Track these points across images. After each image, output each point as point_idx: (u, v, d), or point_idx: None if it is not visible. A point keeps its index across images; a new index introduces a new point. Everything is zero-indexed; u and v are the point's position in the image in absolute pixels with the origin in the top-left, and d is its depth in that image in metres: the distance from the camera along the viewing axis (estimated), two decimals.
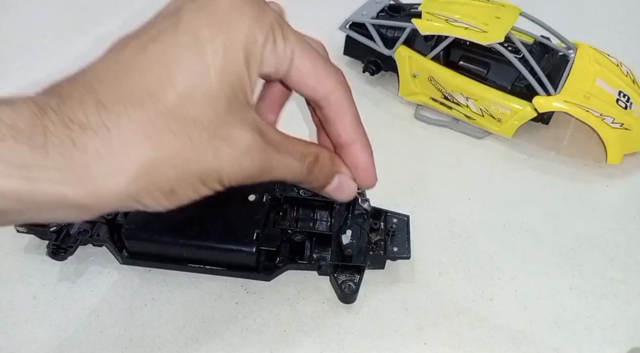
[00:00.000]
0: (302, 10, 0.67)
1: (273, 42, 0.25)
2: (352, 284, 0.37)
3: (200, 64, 0.23)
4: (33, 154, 0.21)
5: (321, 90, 0.27)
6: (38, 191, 0.21)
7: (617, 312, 0.39)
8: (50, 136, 0.21)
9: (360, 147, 0.29)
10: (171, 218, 0.36)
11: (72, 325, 0.36)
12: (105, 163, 0.22)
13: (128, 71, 0.23)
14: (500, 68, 0.49)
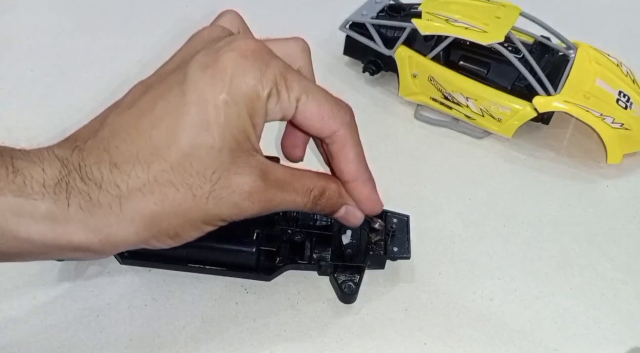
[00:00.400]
0: (302, 10, 0.67)
1: (277, 95, 0.27)
2: (352, 284, 0.37)
3: (204, 121, 0.25)
4: (58, 208, 0.25)
5: (326, 131, 0.29)
6: (60, 238, 0.25)
7: (617, 312, 0.39)
8: (72, 191, 0.25)
9: (362, 183, 0.31)
10: None
11: (72, 325, 0.36)
12: (116, 216, 0.26)
13: (139, 129, 0.26)
14: (500, 68, 0.49)
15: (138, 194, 0.26)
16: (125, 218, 0.26)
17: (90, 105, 0.51)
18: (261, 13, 0.66)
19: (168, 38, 0.61)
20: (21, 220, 0.24)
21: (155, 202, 0.26)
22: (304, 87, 0.27)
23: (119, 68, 0.56)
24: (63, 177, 0.25)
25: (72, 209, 0.25)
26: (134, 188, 0.26)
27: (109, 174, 0.25)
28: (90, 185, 0.25)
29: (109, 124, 0.27)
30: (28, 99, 0.52)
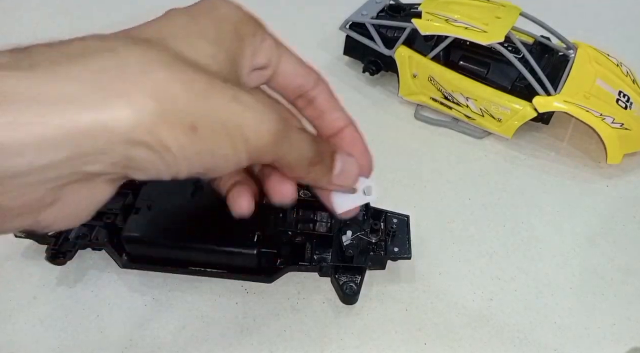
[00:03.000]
0: (302, 10, 0.67)
1: (262, 36, 0.26)
2: (354, 285, 0.37)
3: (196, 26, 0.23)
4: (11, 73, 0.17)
5: (310, 80, 0.28)
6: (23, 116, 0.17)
7: (617, 312, 0.39)
8: (37, 59, 0.18)
9: (355, 128, 0.30)
10: (171, 221, 0.36)
11: (72, 326, 0.36)
12: (113, 78, 0.18)
13: (125, 32, 0.22)
14: (500, 68, 0.49)
15: (142, 57, 0.19)
16: (127, 79, 0.18)
17: None
18: (261, 13, 0.65)
19: None
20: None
21: (166, 66, 0.19)
22: (280, 42, 0.27)
23: None
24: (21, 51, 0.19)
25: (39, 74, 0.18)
26: (135, 50, 0.19)
27: (98, 42, 0.19)
28: (67, 51, 0.19)
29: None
30: None
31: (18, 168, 0.18)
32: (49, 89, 0.17)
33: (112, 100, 0.18)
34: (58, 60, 0.18)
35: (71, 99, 0.18)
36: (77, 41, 0.19)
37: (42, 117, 0.17)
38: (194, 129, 0.20)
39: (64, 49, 0.19)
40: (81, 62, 0.18)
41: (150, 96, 0.19)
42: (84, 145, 0.18)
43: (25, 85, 0.17)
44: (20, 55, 0.18)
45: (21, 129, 0.17)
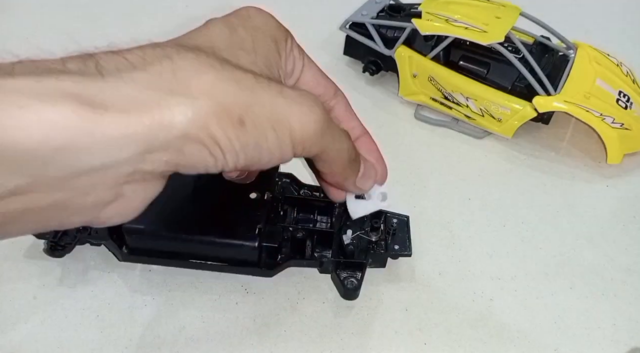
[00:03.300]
0: (302, 10, 0.67)
1: (291, 42, 0.28)
2: (354, 280, 0.37)
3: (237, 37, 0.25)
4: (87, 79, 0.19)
5: (329, 90, 0.30)
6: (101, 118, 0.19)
7: (617, 312, 0.39)
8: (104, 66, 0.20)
9: (370, 137, 0.32)
10: (173, 213, 0.36)
11: (72, 325, 0.36)
12: (171, 81, 0.20)
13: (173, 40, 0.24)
14: (500, 68, 0.49)
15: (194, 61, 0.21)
16: (183, 81, 0.20)
17: None
18: None
19: (168, 38, 0.61)
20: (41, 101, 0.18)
21: (214, 67, 0.21)
22: (306, 53, 0.30)
23: None
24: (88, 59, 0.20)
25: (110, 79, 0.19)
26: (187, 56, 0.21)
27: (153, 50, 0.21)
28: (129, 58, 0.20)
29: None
30: None
31: (88, 167, 0.19)
32: (116, 93, 0.19)
33: (170, 100, 0.20)
34: (122, 66, 0.20)
35: (136, 101, 0.19)
36: (137, 49, 0.21)
37: (110, 118, 0.19)
38: (242, 123, 0.21)
39: (127, 57, 0.21)
40: (142, 68, 0.20)
41: (204, 94, 0.20)
42: (146, 143, 0.20)
43: (96, 90, 0.19)
44: (88, 63, 0.20)
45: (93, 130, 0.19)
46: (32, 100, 0.18)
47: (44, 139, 0.18)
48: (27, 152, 0.18)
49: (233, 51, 0.24)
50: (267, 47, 0.26)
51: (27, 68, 0.19)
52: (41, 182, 0.19)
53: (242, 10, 0.28)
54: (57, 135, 0.18)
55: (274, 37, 0.27)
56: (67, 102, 0.18)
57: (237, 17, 0.27)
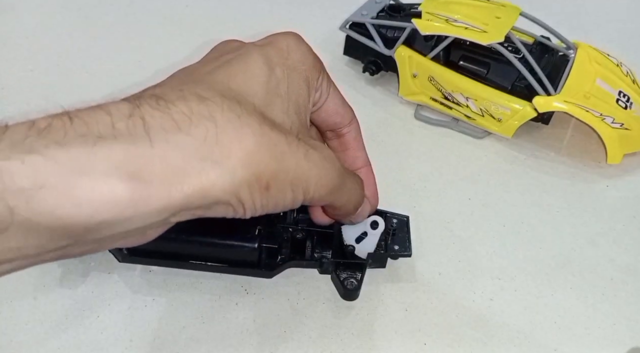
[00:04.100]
0: (303, 10, 0.67)
1: (322, 75, 0.29)
2: (354, 281, 0.37)
3: (273, 80, 0.26)
4: (137, 149, 0.20)
5: (346, 119, 0.32)
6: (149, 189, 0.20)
7: (617, 312, 0.39)
8: (151, 128, 0.20)
9: (371, 170, 0.34)
10: None
11: (72, 326, 0.36)
12: (213, 148, 0.21)
13: (214, 78, 0.24)
14: (501, 68, 0.49)
15: (236, 124, 0.22)
16: (224, 149, 0.21)
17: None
18: (261, 13, 0.66)
19: (168, 38, 0.61)
20: (95, 174, 0.19)
21: (254, 132, 0.22)
22: (331, 81, 0.31)
23: (119, 68, 0.56)
24: (135, 113, 0.21)
25: (157, 146, 0.20)
26: (231, 117, 0.22)
27: (197, 105, 0.22)
28: (175, 117, 0.21)
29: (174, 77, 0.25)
30: (28, 98, 0.52)
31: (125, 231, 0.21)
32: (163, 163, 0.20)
33: (211, 171, 0.21)
34: (168, 127, 0.21)
35: (180, 171, 0.21)
36: (182, 104, 0.22)
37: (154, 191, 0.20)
38: (268, 188, 0.23)
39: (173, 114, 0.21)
40: (187, 132, 0.21)
41: (241, 164, 0.22)
42: (182, 207, 0.21)
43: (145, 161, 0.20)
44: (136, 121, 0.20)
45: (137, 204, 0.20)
46: (85, 177, 0.19)
47: (92, 214, 0.19)
48: (75, 225, 0.19)
49: (270, 98, 0.25)
50: (300, 91, 0.27)
51: (79, 131, 0.19)
52: (79, 243, 0.20)
53: (281, 42, 0.28)
54: (105, 210, 0.19)
55: (307, 79, 0.28)
56: (118, 176, 0.19)
57: (276, 52, 0.27)
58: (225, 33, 0.61)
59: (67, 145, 0.19)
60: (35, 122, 0.19)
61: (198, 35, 0.61)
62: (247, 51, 0.27)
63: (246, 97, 0.24)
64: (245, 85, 0.25)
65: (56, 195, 0.18)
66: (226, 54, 0.27)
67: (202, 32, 0.62)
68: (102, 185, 0.19)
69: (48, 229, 0.19)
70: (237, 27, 0.63)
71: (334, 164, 0.26)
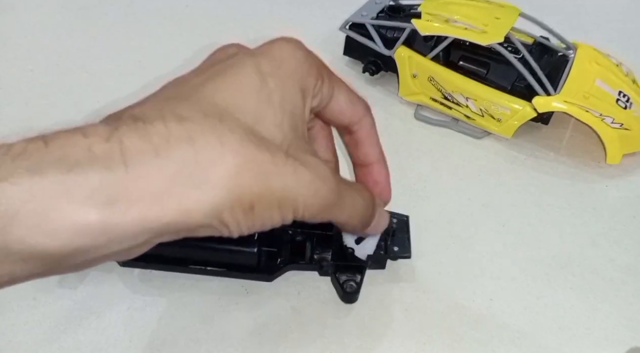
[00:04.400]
0: (303, 10, 0.67)
1: (321, 79, 0.28)
2: (354, 283, 0.37)
3: (265, 91, 0.25)
4: (113, 175, 0.19)
5: (355, 117, 0.31)
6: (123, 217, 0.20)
7: (617, 312, 0.39)
8: (127, 151, 0.20)
9: (384, 165, 0.33)
10: None
11: (72, 326, 0.36)
12: (191, 173, 0.21)
13: (199, 93, 0.23)
14: (500, 68, 0.49)
15: (216, 145, 0.21)
16: (203, 173, 0.21)
17: (91, 105, 0.51)
18: (261, 13, 0.66)
19: (168, 38, 0.61)
20: (69, 202, 0.19)
21: (236, 153, 0.21)
22: (337, 77, 0.29)
23: (119, 68, 0.56)
24: (113, 137, 0.20)
25: (133, 172, 0.20)
26: (212, 139, 0.21)
27: (176, 125, 0.21)
28: (153, 140, 0.20)
29: (158, 93, 0.24)
30: (27, 98, 0.52)
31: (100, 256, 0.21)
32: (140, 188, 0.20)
33: (190, 195, 0.21)
34: (146, 150, 0.20)
35: (157, 196, 0.20)
36: (161, 125, 0.21)
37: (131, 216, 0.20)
38: (252, 208, 0.23)
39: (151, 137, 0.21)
40: (165, 156, 0.20)
41: (220, 187, 0.21)
42: (161, 231, 0.21)
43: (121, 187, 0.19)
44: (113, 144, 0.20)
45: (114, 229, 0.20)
46: (58, 206, 0.18)
47: (65, 243, 0.19)
48: (48, 253, 0.19)
49: (260, 111, 0.24)
50: (295, 102, 0.26)
51: (55, 155, 0.19)
52: (55, 268, 0.20)
53: (276, 50, 0.26)
54: (78, 238, 0.19)
55: (302, 88, 0.26)
56: (92, 204, 0.19)
57: (269, 61, 0.26)
58: (225, 33, 0.61)
59: (41, 172, 0.19)
60: (11, 147, 0.19)
61: (198, 35, 0.61)
62: (239, 61, 0.26)
63: (233, 113, 0.23)
64: (233, 99, 0.24)
65: (29, 224, 0.18)
66: (218, 63, 0.26)
67: (201, 32, 0.62)
68: (75, 213, 0.19)
69: (21, 258, 0.19)
70: (236, 27, 0.63)
71: (326, 180, 0.25)
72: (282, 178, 0.23)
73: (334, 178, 0.25)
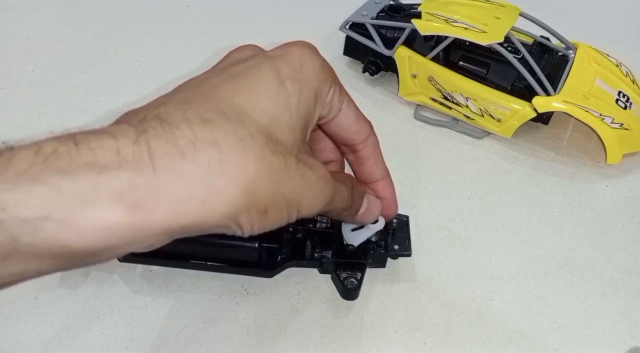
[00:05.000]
0: (303, 10, 0.67)
1: (334, 91, 0.28)
2: (354, 280, 0.37)
3: (283, 93, 0.25)
4: (142, 177, 0.20)
5: (361, 134, 0.31)
6: (150, 218, 0.20)
7: (617, 312, 0.39)
8: (156, 154, 0.20)
9: (389, 182, 0.34)
10: None
11: (73, 326, 0.36)
12: (217, 177, 0.21)
13: (220, 94, 0.24)
14: (500, 68, 0.49)
15: (239, 150, 0.22)
16: (227, 177, 0.22)
17: (91, 105, 0.51)
18: (261, 13, 0.66)
19: (168, 38, 0.61)
20: (99, 203, 0.19)
21: (256, 159, 0.22)
22: (345, 91, 0.30)
23: (119, 68, 0.56)
24: (141, 139, 0.21)
25: (161, 175, 0.20)
26: (234, 142, 0.22)
27: (202, 129, 0.22)
28: (179, 143, 0.21)
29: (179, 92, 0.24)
30: (28, 98, 0.52)
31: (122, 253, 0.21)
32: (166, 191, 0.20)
33: (211, 198, 0.21)
34: (173, 153, 0.21)
35: (183, 198, 0.21)
36: (187, 127, 0.22)
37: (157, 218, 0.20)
38: (266, 211, 0.24)
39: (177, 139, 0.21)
40: (192, 160, 0.21)
41: (242, 192, 0.22)
42: (183, 231, 0.22)
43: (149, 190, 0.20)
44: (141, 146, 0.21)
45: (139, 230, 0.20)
46: (89, 207, 0.19)
47: (94, 242, 0.20)
48: (77, 251, 0.20)
49: (277, 113, 0.25)
50: (309, 107, 0.26)
51: (84, 158, 0.20)
52: (79, 263, 0.21)
53: (295, 54, 0.27)
54: (107, 238, 0.20)
55: (316, 93, 0.27)
56: (120, 206, 0.20)
57: (288, 64, 0.26)
58: (225, 33, 0.61)
59: (73, 174, 0.19)
60: (42, 146, 0.19)
61: (198, 35, 0.61)
62: (257, 63, 0.26)
63: (251, 115, 0.24)
64: (252, 101, 0.24)
65: (60, 225, 0.19)
66: (236, 64, 0.26)
67: (201, 31, 0.62)
68: (105, 215, 0.19)
69: (50, 255, 0.19)
70: (236, 27, 0.63)
71: (327, 182, 0.27)
72: (293, 183, 0.24)
73: (332, 178, 0.27)
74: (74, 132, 0.21)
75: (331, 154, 0.34)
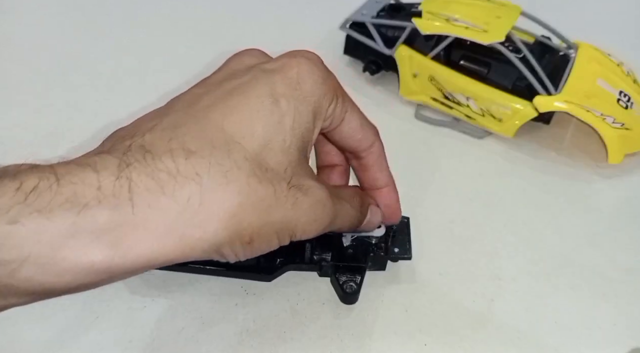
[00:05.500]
0: (303, 10, 0.67)
1: (335, 101, 0.27)
2: (354, 284, 0.37)
3: (277, 114, 0.24)
4: (120, 215, 0.20)
5: (365, 142, 0.31)
6: (127, 256, 0.20)
7: (617, 312, 0.39)
8: (135, 189, 0.20)
9: (393, 189, 0.33)
10: None
11: (72, 327, 0.36)
12: (195, 212, 0.21)
13: (209, 117, 0.24)
14: (501, 68, 0.49)
15: (222, 182, 0.22)
16: (208, 214, 0.21)
17: (91, 106, 0.51)
18: (261, 13, 0.66)
19: (168, 39, 0.61)
20: (77, 244, 0.19)
21: (239, 191, 0.22)
22: (350, 99, 0.29)
23: (119, 68, 0.56)
24: (122, 173, 0.21)
25: (139, 212, 0.20)
26: (216, 174, 0.22)
27: (184, 161, 0.22)
28: (161, 177, 0.21)
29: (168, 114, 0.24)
30: (28, 99, 0.52)
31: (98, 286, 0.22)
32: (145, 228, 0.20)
33: (191, 234, 0.21)
34: (153, 188, 0.21)
35: (162, 235, 0.21)
36: (169, 160, 0.21)
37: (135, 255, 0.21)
38: (251, 242, 0.23)
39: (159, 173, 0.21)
40: (171, 195, 0.21)
41: (223, 227, 0.22)
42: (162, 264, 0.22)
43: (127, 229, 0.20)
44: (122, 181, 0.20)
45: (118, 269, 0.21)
46: (67, 248, 0.19)
47: (71, 281, 0.20)
48: (54, 290, 0.20)
49: (269, 136, 0.24)
50: (306, 125, 0.26)
51: (65, 195, 0.20)
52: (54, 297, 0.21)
53: (292, 68, 0.26)
54: (85, 277, 0.20)
55: (315, 109, 0.26)
56: (98, 246, 0.20)
57: (284, 81, 0.25)
58: (225, 33, 0.61)
59: (52, 213, 0.19)
60: (22, 183, 0.19)
61: (197, 34, 0.61)
62: (252, 79, 0.25)
63: (240, 141, 0.23)
64: (242, 125, 0.24)
65: (39, 267, 0.19)
66: (231, 78, 0.26)
67: (200, 31, 0.62)
68: (82, 256, 0.20)
69: (28, 293, 0.20)
70: (236, 27, 0.63)
71: (324, 207, 0.26)
72: (282, 210, 0.24)
73: (330, 201, 0.26)
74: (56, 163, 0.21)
75: (337, 157, 0.33)
